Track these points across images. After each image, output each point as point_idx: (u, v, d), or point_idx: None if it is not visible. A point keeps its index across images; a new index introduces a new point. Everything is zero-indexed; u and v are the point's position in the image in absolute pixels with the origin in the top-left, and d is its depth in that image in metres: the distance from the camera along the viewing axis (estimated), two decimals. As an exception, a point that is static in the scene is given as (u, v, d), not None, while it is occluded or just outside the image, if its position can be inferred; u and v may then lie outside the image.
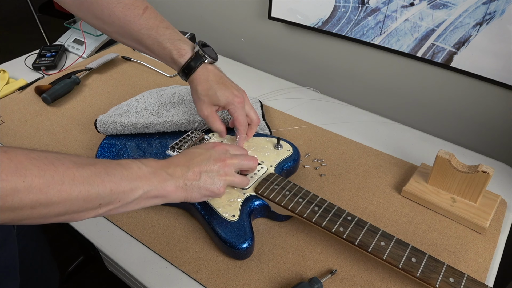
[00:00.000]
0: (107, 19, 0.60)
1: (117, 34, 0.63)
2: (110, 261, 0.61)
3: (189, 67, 0.62)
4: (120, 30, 0.61)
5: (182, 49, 0.62)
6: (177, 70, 0.64)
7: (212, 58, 0.63)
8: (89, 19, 0.62)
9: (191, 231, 0.62)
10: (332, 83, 1.04)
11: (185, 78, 0.64)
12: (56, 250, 1.33)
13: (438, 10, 0.75)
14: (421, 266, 0.50)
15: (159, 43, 0.61)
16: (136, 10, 0.60)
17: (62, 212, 0.39)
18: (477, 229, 0.62)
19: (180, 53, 0.62)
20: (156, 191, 0.48)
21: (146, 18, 0.61)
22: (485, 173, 0.59)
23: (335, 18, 0.89)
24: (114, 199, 0.43)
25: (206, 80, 0.62)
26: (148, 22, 0.61)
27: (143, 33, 0.61)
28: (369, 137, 0.81)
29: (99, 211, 0.43)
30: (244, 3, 1.07)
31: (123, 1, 0.60)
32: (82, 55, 1.09)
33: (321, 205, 0.58)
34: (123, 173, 0.44)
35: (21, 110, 0.88)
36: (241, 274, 0.56)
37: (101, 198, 0.42)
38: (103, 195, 0.42)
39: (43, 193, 0.36)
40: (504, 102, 0.79)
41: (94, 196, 0.41)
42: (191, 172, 0.52)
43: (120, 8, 0.60)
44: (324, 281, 0.54)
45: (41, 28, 1.48)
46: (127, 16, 0.60)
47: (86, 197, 0.40)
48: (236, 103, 0.62)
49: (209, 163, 0.54)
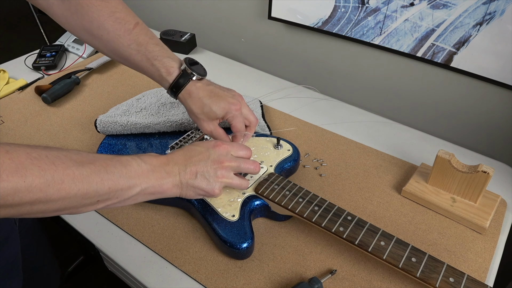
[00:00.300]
0: (95, 32, 0.58)
1: (104, 48, 0.61)
2: (110, 261, 0.61)
3: (177, 85, 0.60)
4: (108, 44, 0.60)
5: (170, 66, 0.60)
6: (166, 88, 0.62)
7: (200, 74, 0.61)
8: (77, 31, 0.60)
9: (191, 231, 0.62)
10: (332, 83, 1.04)
11: (174, 96, 0.62)
12: (56, 250, 1.33)
13: (438, 10, 0.75)
14: (421, 266, 0.50)
15: (148, 60, 0.60)
16: (127, 25, 0.58)
17: (61, 208, 0.40)
18: (477, 229, 0.62)
19: (168, 71, 0.60)
20: (153, 189, 0.49)
21: (136, 33, 0.59)
22: (485, 173, 0.59)
23: (335, 18, 0.89)
24: (112, 196, 0.44)
25: (198, 98, 0.60)
26: (138, 38, 0.59)
27: (132, 49, 0.59)
28: (369, 137, 0.81)
29: (97, 206, 0.44)
30: (244, 3, 1.07)
31: (114, 14, 0.58)
32: (82, 55, 1.09)
33: (321, 205, 0.58)
34: (122, 171, 0.45)
35: (21, 110, 0.88)
36: (241, 274, 0.56)
37: (99, 196, 0.43)
38: (102, 192, 0.43)
39: (43, 192, 0.37)
40: (504, 102, 0.80)
41: (92, 194, 0.42)
42: (188, 171, 0.52)
43: (110, 22, 0.58)
44: (324, 281, 0.54)
45: (41, 28, 1.48)
46: (117, 30, 0.58)
47: (84, 195, 0.41)
48: (234, 110, 0.61)
49: (207, 164, 0.53)
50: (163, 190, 0.50)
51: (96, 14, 0.57)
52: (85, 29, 0.59)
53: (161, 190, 0.50)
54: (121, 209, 0.65)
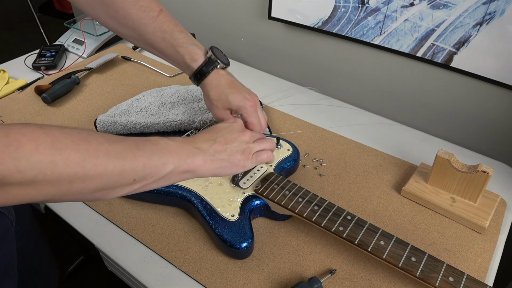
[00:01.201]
0: (121, 20, 0.60)
1: (130, 36, 0.63)
2: (110, 261, 0.61)
3: (201, 72, 0.61)
4: (134, 32, 0.61)
5: (195, 53, 0.62)
6: (189, 75, 0.64)
7: (224, 63, 0.63)
8: (103, 19, 0.62)
9: (191, 231, 0.62)
10: (332, 83, 1.04)
11: (196, 82, 0.63)
12: (56, 250, 1.33)
13: (438, 10, 0.75)
14: (421, 265, 0.50)
15: (173, 47, 0.61)
16: (151, 13, 0.60)
17: (99, 187, 0.40)
18: (476, 229, 0.62)
19: (193, 58, 0.61)
20: (186, 165, 0.48)
21: (160, 21, 0.60)
22: (484, 173, 0.59)
23: (335, 18, 0.89)
24: (147, 174, 0.44)
25: (218, 85, 0.62)
26: (162, 25, 0.61)
27: (157, 36, 0.61)
28: (369, 137, 0.81)
29: (133, 187, 0.43)
30: (244, 3, 1.07)
31: (138, 2, 0.59)
32: (82, 55, 1.09)
33: (321, 205, 0.58)
34: (152, 148, 0.45)
35: (21, 110, 0.88)
36: (241, 273, 0.56)
37: (135, 173, 0.42)
38: (137, 169, 0.42)
39: (80, 167, 0.37)
40: (504, 102, 0.79)
41: (128, 171, 0.41)
42: (218, 144, 0.52)
43: (135, 10, 0.59)
44: (324, 280, 0.54)
45: (41, 28, 1.48)
46: (142, 18, 0.60)
47: (121, 172, 0.41)
48: (249, 107, 0.62)
49: (233, 133, 0.55)
50: (196, 166, 0.49)
51: (121, 3, 0.59)
52: (111, 18, 0.61)
53: (194, 167, 0.49)
54: (121, 209, 0.65)
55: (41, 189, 0.35)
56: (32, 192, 0.35)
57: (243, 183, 0.62)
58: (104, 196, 0.42)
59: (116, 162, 0.40)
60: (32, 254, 0.72)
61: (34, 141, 0.34)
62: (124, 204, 0.66)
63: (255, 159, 0.56)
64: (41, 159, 0.34)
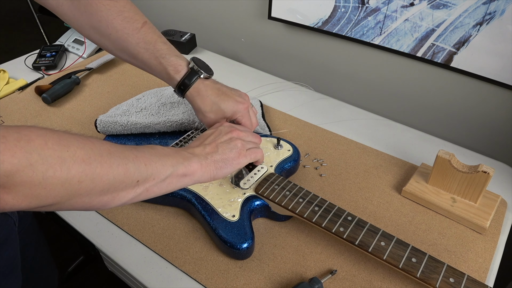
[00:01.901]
0: (104, 31, 0.59)
1: (113, 47, 0.62)
2: (110, 261, 0.61)
3: (184, 83, 0.61)
4: (116, 43, 0.60)
5: (179, 65, 0.61)
6: (173, 87, 0.63)
7: (208, 73, 0.62)
8: (86, 30, 0.61)
9: (191, 231, 0.62)
10: (332, 83, 1.04)
11: (181, 94, 0.62)
12: (56, 250, 1.33)
13: (438, 10, 0.75)
14: (421, 266, 0.50)
15: (156, 58, 0.60)
16: (135, 24, 0.59)
17: (106, 189, 0.40)
18: (477, 229, 0.62)
19: (176, 69, 0.60)
20: (184, 168, 0.49)
21: (144, 32, 0.60)
22: (485, 173, 0.59)
23: (335, 18, 0.89)
24: (149, 175, 0.44)
25: (206, 96, 0.61)
26: (146, 36, 0.60)
27: (141, 47, 0.60)
28: (369, 137, 0.81)
29: (137, 190, 0.44)
30: (244, 3, 1.07)
31: (122, 14, 0.59)
32: (82, 55, 1.09)
33: (321, 205, 0.58)
34: (150, 151, 0.46)
35: (21, 110, 0.88)
36: (241, 274, 0.56)
37: (139, 173, 0.43)
38: (140, 169, 0.43)
39: (86, 164, 0.38)
40: (504, 102, 0.80)
41: (132, 170, 0.42)
42: (208, 147, 0.54)
43: (119, 21, 0.59)
44: (324, 281, 0.54)
45: (41, 28, 1.48)
46: (125, 29, 0.59)
47: (125, 171, 0.41)
48: (243, 110, 0.62)
49: (221, 135, 0.56)
50: (193, 169, 0.50)
51: (105, 13, 0.58)
52: (94, 28, 0.60)
53: (191, 170, 0.50)
54: (121, 209, 0.65)
55: (51, 189, 0.35)
56: (42, 193, 0.35)
57: (243, 183, 0.62)
58: (111, 201, 0.42)
59: (120, 161, 0.41)
60: (33, 255, 0.73)
61: (42, 137, 0.35)
62: (124, 204, 0.66)
63: (250, 155, 0.57)
64: (50, 153, 0.35)
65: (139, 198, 0.45)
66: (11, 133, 0.33)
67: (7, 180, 0.32)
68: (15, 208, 0.35)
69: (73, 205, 0.39)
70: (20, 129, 0.34)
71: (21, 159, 0.33)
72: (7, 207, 0.34)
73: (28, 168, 0.33)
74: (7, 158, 0.32)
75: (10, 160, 0.32)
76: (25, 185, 0.34)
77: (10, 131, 0.33)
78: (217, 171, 0.53)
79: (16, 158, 0.32)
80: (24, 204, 0.35)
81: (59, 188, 0.36)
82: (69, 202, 0.38)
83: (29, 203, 0.35)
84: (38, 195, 0.35)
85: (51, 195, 0.36)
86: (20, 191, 0.34)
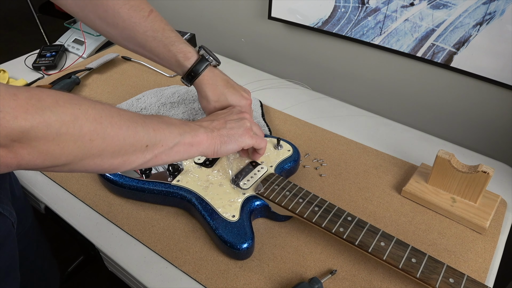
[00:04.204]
0: (111, 20, 0.59)
1: (120, 37, 0.62)
2: (110, 261, 0.61)
3: (195, 70, 0.61)
4: (123, 32, 0.60)
5: (188, 52, 0.61)
6: (181, 74, 0.63)
7: (216, 60, 0.63)
8: (92, 20, 0.61)
9: (191, 231, 0.62)
10: (332, 83, 1.04)
11: (189, 82, 0.62)
12: (56, 250, 1.33)
13: (438, 10, 0.75)
14: (421, 266, 0.50)
15: (165, 45, 0.60)
16: (142, 12, 0.59)
17: (117, 150, 0.41)
18: (477, 229, 0.62)
19: (186, 56, 0.61)
20: (191, 138, 0.50)
21: (151, 20, 0.60)
22: (485, 173, 0.59)
23: (335, 18, 0.89)
24: (158, 141, 0.45)
25: (215, 85, 0.62)
26: (153, 25, 0.60)
27: (148, 35, 0.60)
28: (369, 137, 0.81)
29: (147, 156, 0.44)
30: (244, 3, 1.07)
31: (128, 2, 0.59)
32: (82, 55, 1.09)
33: (321, 206, 0.58)
34: (158, 119, 0.47)
35: (21, 110, 0.88)
36: (241, 274, 0.56)
37: (148, 137, 0.44)
38: (149, 133, 0.44)
39: (98, 123, 0.38)
40: (504, 102, 0.79)
41: (141, 134, 0.43)
42: (217, 122, 0.55)
43: (125, 10, 0.59)
44: (324, 281, 0.54)
45: (41, 28, 1.48)
46: (132, 18, 0.59)
47: (134, 134, 0.42)
48: (247, 105, 0.63)
49: (232, 114, 0.58)
50: (200, 140, 0.51)
51: (111, 2, 0.58)
52: (100, 18, 0.60)
53: (198, 140, 0.50)
54: (121, 209, 0.65)
55: (64, 146, 0.36)
56: (57, 150, 0.35)
57: (243, 183, 0.62)
58: (121, 165, 0.43)
59: (129, 124, 0.42)
60: (33, 257, 0.72)
61: (53, 97, 0.36)
62: (124, 204, 0.66)
63: (255, 139, 0.58)
64: (63, 111, 0.35)
65: (148, 165, 0.46)
66: (21, 92, 0.34)
67: (23, 136, 0.33)
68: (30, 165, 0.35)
69: (85, 167, 0.40)
70: (30, 89, 0.35)
71: (34, 115, 0.33)
72: (23, 163, 0.35)
73: (42, 124, 0.34)
74: (20, 114, 0.32)
75: (24, 116, 0.33)
76: (40, 141, 0.34)
77: (21, 90, 0.34)
78: (221, 145, 0.53)
79: (30, 114, 0.33)
80: (39, 161, 0.35)
81: (72, 146, 0.36)
82: (81, 163, 0.39)
83: (44, 161, 0.36)
84: (53, 152, 0.35)
85: (64, 153, 0.36)
86: (35, 147, 0.34)
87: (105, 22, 0.60)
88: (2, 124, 0.32)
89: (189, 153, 0.50)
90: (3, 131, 0.32)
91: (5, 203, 0.54)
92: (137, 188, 0.63)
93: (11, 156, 0.34)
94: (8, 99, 0.32)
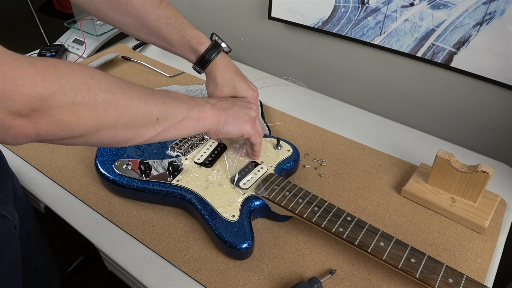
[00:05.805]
0: (123, 10, 0.60)
1: (132, 26, 0.62)
2: (110, 261, 0.61)
3: (208, 55, 0.62)
4: (136, 21, 0.61)
5: (201, 37, 0.62)
6: (193, 60, 0.63)
7: (228, 47, 0.64)
8: (103, 11, 0.61)
9: (191, 231, 0.62)
10: (332, 83, 1.04)
11: (201, 67, 0.63)
12: (56, 250, 1.33)
13: (438, 10, 0.75)
14: (421, 266, 0.50)
15: (179, 32, 0.61)
16: (154, 1, 0.60)
17: (130, 122, 0.41)
18: (476, 229, 0.62)
19: (199, 41, 0.62)
20: (198, 113, 0.50)
21: (163, 8, 0.61)
22: (484, 173, 0.59)
23: (335, 18, 0.89)
24: (167, 114, 0.46)
25: (227, 70, 0.63)
26: (166, 12, 0.61)
27: (162, 22, 0.61)
28: (369, 137, 0.81)
29: (157, 129, 0.45)
30: (244, 3, 1.07)
31: None
32: (82, 55, 1.09)
33: (321, 206, 0.58)
34: (165, 94, 0.48)
35: (21, 110, 0.88)
36: (241, 274, 0.56)
37: (158, 110, 0.44)
38: (159, 106, 0.45)
39: (111, 93, 0.39)
40: (504, 102, 0.79)
41: (152, 106, 0.44)
42: (224, 102, 0.56)
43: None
44: (324, 281, 0.54)
45: (41, 28, 1.48)
46: (145, 6, 0.60)
47: (145, 106, 0.43)
48: (254, 97, 0.64)
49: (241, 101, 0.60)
50: (206, 115, 0.52)
51: None
52: (113, 9, 0.61)
53: (204, 116, 0.51)
54: (121, 209, 0.65)
55: (81, 116, 0.36)
56: (73, 120, 0.36)
57: (243, 183, 0.62)
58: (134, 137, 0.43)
59: (140, 96, 0.42)
60: (35, 257, 0.72)
61: (68, 66, 0.36)
62: (124, 204, 0.66)
63: (256, 131, 0.59)
64: (78, 80, 0.36)
65: (158, 138, 0.46)
66: (38, 60, 0.34)
67: (41, 103, 0.33)
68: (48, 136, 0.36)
69: (100, 139, 0.40)
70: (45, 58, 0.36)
71: (51, 83, 0.34)
72: (42, 133, 0.35)
73: (59, 92, 0.34)
74: (39, 82, 0.33)
75: (42, 84, 0.33)
76: (57, 109, 0.35)
77: (37, 59, 0.34)
78: (224, 125, 0.54)
79: (48, 82, 0.33)
80: (56, 131, 0.36)
81: (87, 116, 0.37)
82: (96, 135, 0.39)
83: (61, 131, 0.36)
84: (70, 122, 0.36)
85: (81, 123, 0.37)
86: (53, 116, 0.35)
87: (117, 12, 0.61)
88: (23, 92, 0.32)
89: (196, 127, 0.51)
90: (24, 98, 0.32)
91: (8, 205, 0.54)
92: (137, 188, 0.63)
93: (30, 126, 0.34)
94: (27, 67, 0.33)
